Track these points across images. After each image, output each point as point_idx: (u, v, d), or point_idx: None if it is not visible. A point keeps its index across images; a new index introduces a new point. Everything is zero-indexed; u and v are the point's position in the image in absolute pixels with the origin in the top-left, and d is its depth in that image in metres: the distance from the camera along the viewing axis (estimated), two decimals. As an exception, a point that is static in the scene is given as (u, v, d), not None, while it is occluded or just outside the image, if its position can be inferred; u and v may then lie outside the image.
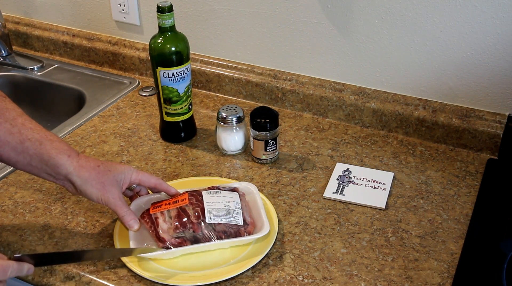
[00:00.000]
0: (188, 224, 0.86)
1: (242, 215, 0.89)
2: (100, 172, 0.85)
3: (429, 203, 1.00)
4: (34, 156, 0.82)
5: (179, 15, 1.33)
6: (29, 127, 0.82)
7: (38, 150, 0.82)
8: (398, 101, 1.18)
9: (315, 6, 1.18)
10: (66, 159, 0.83)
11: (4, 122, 0.81)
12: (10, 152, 0.81)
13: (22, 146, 0.81)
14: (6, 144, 0.81)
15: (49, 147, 0.82)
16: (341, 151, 1.15)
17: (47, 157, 0.82)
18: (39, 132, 0.83)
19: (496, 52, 1.06)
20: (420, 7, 1.08)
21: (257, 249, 0.89)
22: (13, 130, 0.81)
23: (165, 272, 0.85)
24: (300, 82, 1.26)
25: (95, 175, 0.84)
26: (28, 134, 0.81)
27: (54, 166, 0.83)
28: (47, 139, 0.83)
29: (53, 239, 0.94)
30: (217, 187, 0.94)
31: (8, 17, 1.61)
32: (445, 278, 0.85)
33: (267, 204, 0.98)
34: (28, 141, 0.81)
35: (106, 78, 1.45)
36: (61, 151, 0.83)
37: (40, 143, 0.82)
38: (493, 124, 1.10)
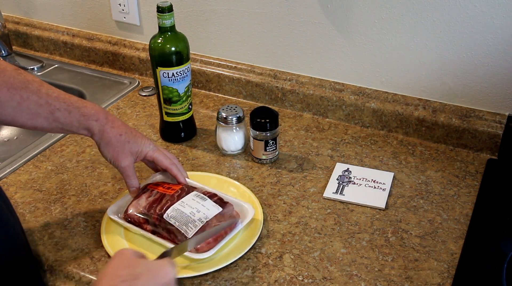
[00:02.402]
0: (151, 211, 0.89)
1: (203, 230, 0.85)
2: (119, 141, 0.91)
3: (429, 203, 1.00)
4: (65, 124, 0.87)
5: (179, 15, 1.33)
6: (54, 96, 0.86)
7: (68, 119, 0.86)
8: (398, 101, 1.18)
9: (315, 6, 1.18)
10: (94, 123, 0.88)
11: (31, 95, 0.83)
12: (43, 123, 0.85)
13: (53, 116, 0.85)
14: (38, 116, 0.84)
15: (78, 114, 0.87)
16: (341, 151, 1.15)
17: (77, 124, 0.87)
18: (65, 100, 0.86)
19: (496, 52, 1.06)
20: (420, 7, 1.08)
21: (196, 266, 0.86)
22: (40, 101, 0.84)
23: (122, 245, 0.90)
24: (300, 82, 1.26)
25: (115, 143, 0.90)
26: (56, 104, 0.85)
27: (84, 129, 0.89)
28: (75, 106, 0.87)
29: (53, 239, 0.94)
30: (213, 195, 0.92)
31: (8, 17, 1.61)
32: (445, 278, 0.85)
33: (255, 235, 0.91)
34: (57, 111, 0.85)
35: (106, 78, 1.45)
36: (90, 117, 0.88)
37: (69, 112, 0.86)
38: (493, 124, 1.10)
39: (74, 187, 1.06)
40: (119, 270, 0.67)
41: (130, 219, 0.92)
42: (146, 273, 0.67)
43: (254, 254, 0.90)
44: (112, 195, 1.03)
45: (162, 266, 0.69)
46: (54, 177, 1.09)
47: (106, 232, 0.92)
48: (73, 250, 0.92)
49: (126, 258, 0.69)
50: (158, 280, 0.67)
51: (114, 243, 0.90)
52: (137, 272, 0.66)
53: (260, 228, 0.93)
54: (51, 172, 1.10)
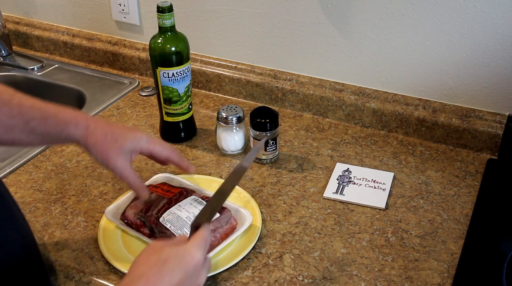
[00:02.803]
0: (148, 213, 0.88)
1: None
2: (106, 141, 0.82)
3: (429, 203, 1.00)
4: (43, 134, 0.80)
5: (179, 15, 1.33)
6: (27, 105, 0.79)
7: (45, 128, 0.79)
8: (398, 101, 1.18)
9: (315, 6, 1.18)
10: (74, 128, 0.81)
11: (2, 106, 0.77)
12: (20, 135, 0.79)
13: (28, 127, 0.78)
14: (13, 128, 0.78)
15: (54, 122, 0.80)
16: (341, 151, 1.15)
17: (54, 132, 0.80)
18: (39, 109, 0.79)
19: (496, 52, 1.06)
20: (420, 7, 1.08)
21: None
22: (13, 112, 0.77)
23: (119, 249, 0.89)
24: (300, 82, 1.26)
25: (101, 144, 0.82)
26: (30, 114, 0.78)
27: (64, 138, 0.81)
28: (50, 113, 0.80)
29: (53, 239, 0.94)
30: None
31: (8, 17, 1.61)
32: (445, 278, 0.85)
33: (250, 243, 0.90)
34: (32, 120, 0.78)
35: (106, 78, 1.45)
36: (67, 123, 0.81)
37: (45, 120, 0.79)
38: (493, 124, 1.10)
39: (74, 187, 1.06)
40: (148, 257, 0.67)
41: (127, 221, 0.92)
42: (174, 258, 0.67)
43: (254, 254, 0.90)
44: (112, 195, 1.03)
45: (188, 250, 0.68)
46: (54, 177, 1.09)
47: (103, 235, 0.92)
48: (73, 250, 0.92)
49: (154, 246, 0.69)
50: (185, 263, 0.67)
51: (110, 246, 0.90)
52: (164, 257, 0.67)
53: (257, 234, 0.92)
54: (51, 172, 1.10)
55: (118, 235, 0.92)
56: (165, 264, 0.66)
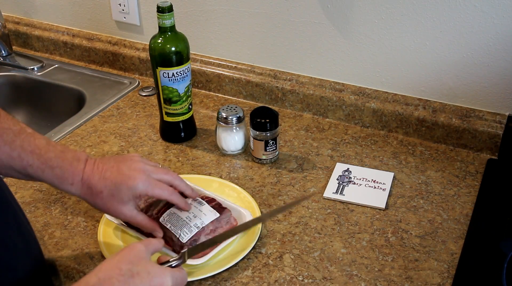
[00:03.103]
0: (149, 213, 0.88)
1: (198, 236, 0.85)
2: (103, 198, 0.82)
3: (429, 203, 1.00)
4: (42, 179, 0.80)
5: (179, 15, 1.33)
6: (28, 150, 0.78)
7: (41, 178, 0.80)
8: (398, 101, 1.18)
9: (315, 6, 1.18)
10: (70, 187, 0.81)
11: (3, 145, 0.77)
12: (18, 175, 0.80)
13: (26, 172, 0.79)
14: (11, 168, 0.78)
15: (51, 176, 0.80)
16: (341, 151, 1.15)
17: (52, 184, 0.81)
18: (38, 157, 0.79)
19: (496, 52, 1.06)
20: (420, 7, 1.08)
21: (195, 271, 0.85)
22: (13, 154, 0.77)
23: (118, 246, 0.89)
24: (300, 82, 1.26)
25: (101, 201, 0.82)
26: (28, 160, 0.78)
27: (62, 190, 0.83)
28: (48, 166, 0.79)
29: (53, 239, 0.94)
30: (211, 200, 0.91)
31: (8, 17, 1.61)
32: (445, 278, 0.85)
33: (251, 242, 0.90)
34: (29, 167, 0.78)
35: (106, 78, 1.45)
36: (63, 180, 0.81)
37: (42, 171, 0.79)
38: (493, 124, 1.10)
39: (74, 187, 1.06)
40: (122, 263, 0.68)
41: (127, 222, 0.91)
42: (144, 275, 0.67)
43: (254, 254, 0.90)
44: (112, 195, 1.03)
45: (162, 273, 0.69)
46: (54, 177, 1.09)
47: (103, 235, 0.92)
48: (73, 250, 0.92)
49: (133, 253, 0.69)
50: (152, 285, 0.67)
51: (111, 247, 0.90)
52: (137, 270, 0.67)
53: (257, 234, 0.91)
54: (51, 172, 1.10)
55: (118, 236, 0.92)
56: (134, 278, 0.66)
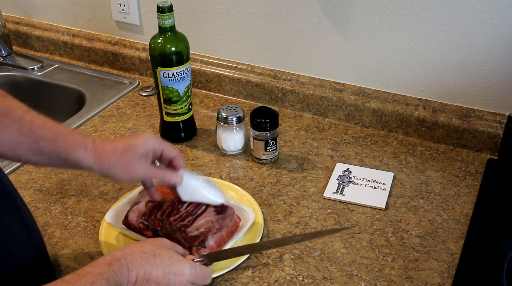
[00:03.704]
0: (152, 217, 0.88)
1: (205, 236, 0.85)
2: (119, 155, 0.81)
3: (429, 203, 1.00)
4: (51, 155, 0.78)
5: (179, 15, 1.33)
6: (38, 124, 0.78)
7: (53, 149, 0.78)
8: (398, 101, 1.18)
9: (315, 6, 1.18)
10: (83, 153, 0.79)
11: (12, 122, 0.75)
12: (27, 153, 0.77)
13: (37, 146, 0.77)
14: (21, 145, 0.76)
15: (64, 144, 0.78)
16: (341, 151, 1.15)
17: (64, 155, 0.79)
18: (50, 129, 0.78)
19: (496, 52, 1.06)
20: (420, 7, 1.08)
21: None
22: (23, 129, 0.76)
23: None
24: (300, 82, 1.26)
25: (116, 159, 0.80)
26: (39, 133, 0.77)
27: (74, 162, 0.80)
28: (60, 134, 0.79)
29: (53, 239, 0.94)
30: None
31: (8, 17, 1.61)
32: (445, 278, 0.85)
33: (258, 236, 0.91)
34: (41, 140, 0.77)
35: (106, 78, 1.45)
36: (77, 146, 0.79)
37: (54, 141, 0.78)
38: (493, 124, 1.10)
39: (74, 187, 1.06)
40: (147, 244, 0.73)
41: (130, 225, 0.91)
42: (165, 257, 0.72)
43: (254, 254, 0.90)
44: (112, 195, 1.03)
45: (183, 261, 0.74)
46: (54, 177, 1.09)
47: (104, 239, 0.91)
48: (73, 250, 0.92)
49: (159, 241, 0.75)
50: (171, 270, 0.72)
51: (112, 247, 0.90)
52: (159, 252, 0.72)
53: (261, 232, 0.92)
54: (51, 172, 1.10)
55: (120, 240, 0.91)
56: (155, 258, 0.71)
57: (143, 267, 0.70)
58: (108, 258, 0.69)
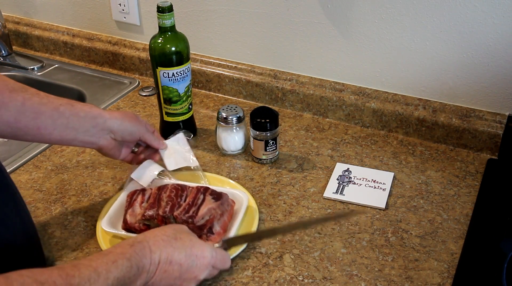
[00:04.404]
0: (154, 216, 0.89)
1: (211, 223, 0.87)
2: (126, 113, 0.96)
3: (429, 203, 1.00)
4: (71, 117, 0.88)
5: (179, 15, 1.33)
6: (52, 96, 0.88)
7: (73, 111, 0.88)
8: (398, 101, 1.18)
9: (315, 6, 1.18)
10: (99, 110, 0.92)
11: (32, 96, 0.85)
12: (47, 121, 0.86)
13: (58, 112, 0.86)
14: (42, 114, 0.85)
15: (80, 106, 0.90)
16: (341, 151, 1.15)
17: (83, 114, 0.89)
18: (63, 99, 0.89)
19: (496, 52, 1.06)
20: (420, 7, 1.08)
21: None
22: (43, 100, 0.86)
23: None
24: (300, 82, 1.26)
25: (125, 115, 0.95)
26: (57, 102, 0.87)
27: (92, 118, 0.90)
28: (74, 101, 0.90)
29: (53, 239, 0.94)
30: (204, 189, 0.92)
31: (8, 17, 1.61)
32: (445, 278, 0.85)
33: (255, 218, 0.94)
34: (61, 106, 0.87)
35: (106, 78, 1.45)
36: (92, 106, 0.92)
37: (72, 105, 0.89)
38: (493, 124, 1.10)
39: (74, 187, 1.06)
40: (168, 228, 0.76)
41: (131, 229, 0.90)
42: (186, 240, 0.75)
43: (254, 254, 0.90)
44: (112, 195, 1.03)
45: (203, 244, 0.77)
46: (54, 177, 1.09)
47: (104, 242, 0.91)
48: (73, 250, 0.92)
49: (179, 226, 0.79)
50: (192, 252, 0.74)
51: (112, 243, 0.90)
52: (180, 236, 0.75)
53: (257, 213, 0.95)
54: (51, 172, 1.10)
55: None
56: (177, 241, 0.74)
57: (166, 249, 0.72)
58: (130, 240, 0.72)
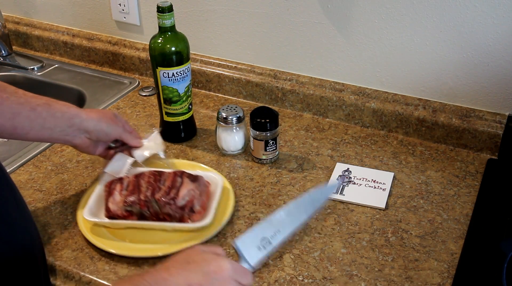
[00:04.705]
0: (136, 201, 0.91)
1: (192, 203, 0.92)
2: (104, 113, 0.97)
3: (429, 203, 1.00)
4: (48, 118, 0.90)
5: (179, 15, 1.33)
6: (30, 96, 0.90)
7: (50, 111, 0.90)
8: (398, 101, 1.18)
9: (315, 6, 1.18)
10: (76, 110, 0.94)
11: (10, 95, 0.87)
12: (24, 122, 0.87)
13: (35, 113, 0.88)
14: (19, 115, 0.87)
15: (58, 106, 0.92)
16: (341, 151, 1.15)
17: (60, 114, 0.91)
18: (41, 98, 0.91)
19: (496, 52, 1.06)
20: (420, 7, 1.08)
21: (198, 236, 0.92)
22: (21, 100, 0.87)
23: (112, 240, 0.92)
24: (300, 82, 1.26)
25: (102, 116, 0.96)
26: (34, 102, 0.89)
27: (68, 119, 0.92)
28: (52, 101, 0.92)
29: (53, 239, 0.94)
30: (181, 173, 0.96)
31: (8, 17, 1.61)
32: (445, 278, 0.85)
33: (231, 198, 0.99)
34: (38, 107, 0.89)
35: (106, 78, 1.45)
36: (69, 106, 0.94)
37: (49, 105, 0.90)
38: (493, 124, 1.10)
39: (74, 187, 1.06)
40: (177, 257, 0.73)
41: (114, 216, 0.93)
42: (201, 261, 0.72)
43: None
44: (112, 195, 1.03)
45: (219, 258, 0.73)
46: (54, 177, 1.09)
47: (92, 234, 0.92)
48: (73, 250, 0.92)
49: (190, 249, 0.75)
50: (210, 269, 0.71)
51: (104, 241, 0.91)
52: (192, 259, 0.72)
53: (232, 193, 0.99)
54: (51, 172, 1.10)
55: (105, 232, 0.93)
56: (189, 264, 0.71)
57: (181, 275, 0.70)
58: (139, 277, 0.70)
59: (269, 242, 0.77)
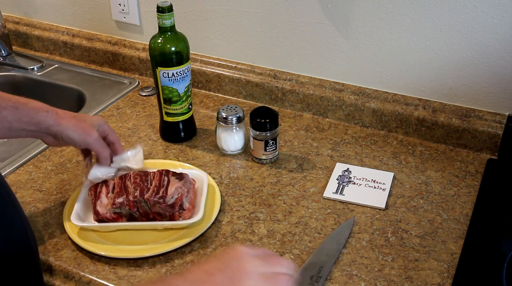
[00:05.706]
0: (125, 202, 0.91)
1: (181, 200, 0.92)
2: (77, 120, 0.91)
3: (429, 203, 1.00)
4: (13, 122, 0.85)
5: (179, 15, 1.33)
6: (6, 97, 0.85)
7: (16, 116, 0.85)
8: (398, 101, 1.18)
9: (315, 6, 1.18)
10: (45, 115, 0.87)
11: None
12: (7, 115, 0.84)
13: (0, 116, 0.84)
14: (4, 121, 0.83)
15: (26, 109, 0.86)
16: (341, 151, 1.15)
17: (27, 119, 0.86)
18: (10, 99, 0.86)
19: (496, 52, 1.06)
20: (420, 7, 1.08)
21: (189, 233, 0.92)
22: (2, 104, 0.84)
23: (103, 243, 0.91)
24: (300, 82, 1.26)
25: (74, 123, 0.90)
26: (1, 104, 0.84)
27: (35, 124, 0.87)
28: (21, 103, 0.86)
29: (53, 239, 0.94)
30: (166, 172, 0.96)
31: (8, 17, 1.61)
32: (445, 278, 0.85)
33: (216, 193, 1.00)
34: (3, 110, 0.84)
35: (106, 78, 1.45)
36: (39, 110, 0.87)
37: (16, 109, 0.85)
38: (493, 124, 1.10)
39: (74, 187, 1.06)
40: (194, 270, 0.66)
41: (103, 219, 0.93)
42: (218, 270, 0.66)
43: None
44: (112, 195, 1.03)
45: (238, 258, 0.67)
46: (54, 177, 1.09)
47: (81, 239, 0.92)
48: (73, 250, 0.92)
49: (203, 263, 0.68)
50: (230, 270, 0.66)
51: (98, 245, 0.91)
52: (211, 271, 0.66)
53: (217, 189, 1.01)
54: (51, 172, 1.10)
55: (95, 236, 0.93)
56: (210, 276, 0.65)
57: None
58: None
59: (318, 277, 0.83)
